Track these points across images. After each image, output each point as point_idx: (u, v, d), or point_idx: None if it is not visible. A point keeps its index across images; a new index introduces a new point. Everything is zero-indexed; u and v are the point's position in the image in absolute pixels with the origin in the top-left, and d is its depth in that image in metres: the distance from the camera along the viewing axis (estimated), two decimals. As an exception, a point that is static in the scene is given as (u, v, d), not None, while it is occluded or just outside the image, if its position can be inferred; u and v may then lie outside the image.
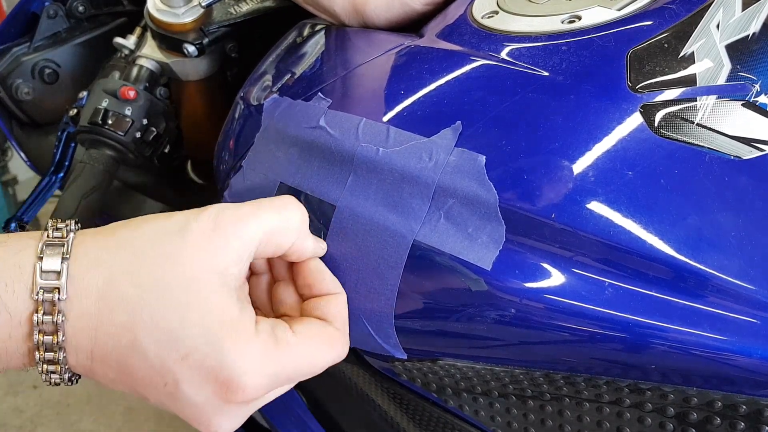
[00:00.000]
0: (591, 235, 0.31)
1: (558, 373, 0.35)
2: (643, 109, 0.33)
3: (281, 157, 0.42)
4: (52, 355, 0.31)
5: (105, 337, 0.30)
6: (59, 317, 0.30)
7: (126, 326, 0.30)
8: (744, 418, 0.30)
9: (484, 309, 0.34)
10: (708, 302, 0.30)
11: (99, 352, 0.31)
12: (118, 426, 1.36)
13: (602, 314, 0.31)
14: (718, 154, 0.32)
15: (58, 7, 0.69)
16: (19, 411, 1.40)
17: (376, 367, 0.44)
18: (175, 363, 0.30)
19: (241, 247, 0.32)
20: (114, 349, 0.31)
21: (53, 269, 0.30)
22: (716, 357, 0.29)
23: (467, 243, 0.34)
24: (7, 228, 0.64)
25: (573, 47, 0.37)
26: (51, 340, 0.30)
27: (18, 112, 0.71)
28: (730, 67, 0.34)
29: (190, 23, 0.57)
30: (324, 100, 0.41)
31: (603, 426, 0.35)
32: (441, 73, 0.39)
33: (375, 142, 0.37)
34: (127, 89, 0.57)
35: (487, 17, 0.42)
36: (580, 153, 0.33)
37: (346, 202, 0.38)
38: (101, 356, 0.31)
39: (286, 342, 0.33)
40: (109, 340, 0.30)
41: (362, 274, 0.37)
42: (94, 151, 0.57)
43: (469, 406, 0.40)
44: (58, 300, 0.30)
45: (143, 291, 0.30)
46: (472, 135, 0.35)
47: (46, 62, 0.69)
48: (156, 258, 0.31)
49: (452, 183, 0.34)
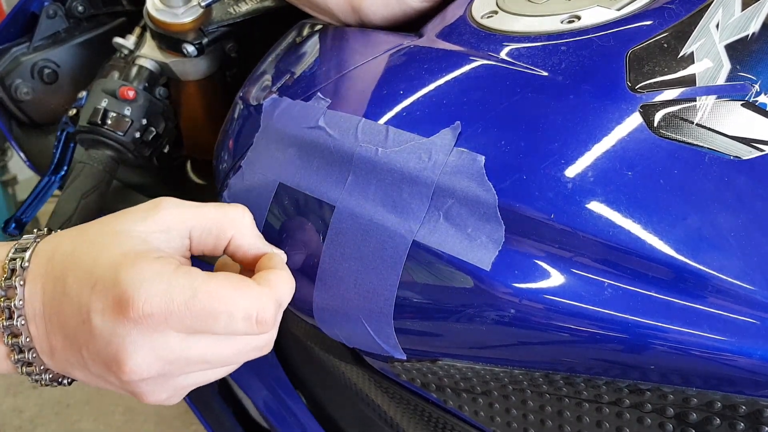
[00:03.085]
0: (590, 236, 0.31)
1: (557, 374, 0.35)
2: (642, 109, 0.33)
3: (280, 157, 0.42)
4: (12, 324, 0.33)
5: (49, 292, 0.34)
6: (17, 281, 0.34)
7: (60, 276, 0.33)
8: (744, 418, 0.30)
9: (483, 309, 0.34)
10: (707, 303, 0.30)
11: (47, 312, 0.33)
12: (117, 426, 1.36)
13: (602, 315, 0.31)
14: (717, 154, 0.31)
15: (57, 7, 0.69)
16: (18, 411, 1.40)
17: (375, 368, 0.44)
18: (87, 294, 0.32)
19: (171, 221, 0.35)
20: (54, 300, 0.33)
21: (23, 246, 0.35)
22: (716, 357, 0.29)
23: (466, 243, 0.34)
24: (7, 228, 0.64)
25: (572, 47, 0.37)
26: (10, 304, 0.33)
27: (17, 112, 0.71)
28: (729, 67, 0.34)
29: (189, 23, 0.57)
30: (323, 100, 0.41)
31: (602, 426, 0.35)
32: (440, 73, 0.39)
33: (374, 143, 0.37)
34: (127, 89, 0.57)
35: (487, 17, 0.42)
36: (579, 153, 0.33)
37: (345, 203, 0.38)
38: (48, 315, 0.33)
39: (187, 270, 0.32)
40: (51, 293, 0.33)
41: (361, 274, 0.37)
42: (93, 151, 0.57)
43: (469, 406, 0.40)
44: (20, 267, 0.34)
45: (76, 246, 0.34)
46: (472, 135, 0.35)
47: (45, 62, 0.69)
48: (97, 224, 0.35)
49: (451, 183, 0.34)
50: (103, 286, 0.32)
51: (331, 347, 0.47)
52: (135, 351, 0.32)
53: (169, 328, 0.32)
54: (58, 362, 0.35)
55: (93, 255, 0.33)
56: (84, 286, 0.32)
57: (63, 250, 0.34)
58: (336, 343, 0.43)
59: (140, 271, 0.32)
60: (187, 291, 0.31)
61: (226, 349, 0.34)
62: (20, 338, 0.34)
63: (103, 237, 0.34)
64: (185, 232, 0.36)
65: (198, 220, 0.36)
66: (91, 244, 0.34)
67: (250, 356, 0.36)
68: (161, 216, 0.35)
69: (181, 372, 0.34)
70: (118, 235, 0.34)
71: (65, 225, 0.54)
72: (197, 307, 0.31)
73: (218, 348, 0.34)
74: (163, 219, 0.35)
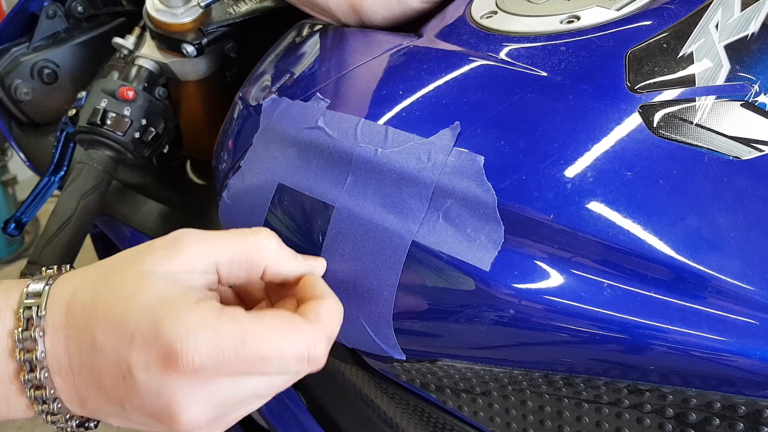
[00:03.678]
0: (590, 236, 0.31)
1: (557, 374, 0.35)
2: (641, 110, 0.33)
3: (280, 157, 0.42)
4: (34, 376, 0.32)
5: (74, 345, 0.32)
6: (37, 331, 0.32)
7: (86, 328, 0.31)
8: (743, 418, 0.30)
9: (482, 310, 0.33)
10: (707, 303, 0.30)
11: (75, 365, 0.32)
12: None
13: (601, 315, 0.31)
14: (717, 154, 0.31)
15: (57, 7, 0.69)
16: (18, 411, 1.40)
17: (375, 368, 0.44)
18: (125, 348, 0.30)
19: (195, 258, 0.33)
20: (82, 354, 0.31)
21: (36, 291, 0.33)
22: (715, 358, 0.29)
23: (466, 244, 0.34)
24: (7, 228, 0.64)
25: (572, 47, 0.37)
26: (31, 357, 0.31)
27: (17, 113, 0.71)
28: (729, 67, 0.34)
29: (188, 23, 0.57)
30: (322, 101, 0.41)
31: (602, 426, 0.35)
32: (440, 73, 0.39)
33: (373, 143, 0.37)
34: (126, 89, 0.57)
35: (486, 17, 0.42)
36: (578, 153, 0.33)
37: (345, 203, 0.38)
38: (78, 369, 0.32)
39: (233, 315, 0.31)
40: (77, 346, 0.32)
41: (361, 274, 0.37)
42: (93, 151, 0.57)
43: (468, 406, 0.40)
44: (36, 316, 0.32)
45: (99, 294, 0.32)
46: (471, 135, 0.35)
47: (45, 62, 0.69)
48: (116, 266, 0.33)
49: (451, 183, 0.34)
50: (143, 340, 0.30)
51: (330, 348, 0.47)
52: (189, 402, 0.30)
53: (220, 375, 0.30)
54: (89, 411, 0.33)
55: (121, 305, 0.31)
56: (119, 340, 0.30)
57: (83, 299, 0.32)
58: (336, 343, 0.43)
59: (184, 321, 0.30)
60: (236, 338, 0.30)
61: (278, 383, 0.33)
62: (44, 391, 0.32)
63: (128, 283, 0.32)
64: (211, 268, 0.34)
65: (222, 255, 0.34)
66: (115, 291, 0.32)
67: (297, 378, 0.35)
68: (185, 255, 0.33)
69: (235, 411, 0.33)
70: (143, 278, 0.32)
71: (65, 225, 0.54)
72: (248, 354, 0.30)
73: (270, 384, 0.33)
74: (186, 257, 0.33)
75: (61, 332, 0.32)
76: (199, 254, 0.33)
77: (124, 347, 0.30)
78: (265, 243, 0.35)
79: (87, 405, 0.33)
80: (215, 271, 0.34)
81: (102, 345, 0.31)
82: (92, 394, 0.32)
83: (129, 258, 0.33)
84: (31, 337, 0.32)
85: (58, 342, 0.32)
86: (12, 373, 0.32)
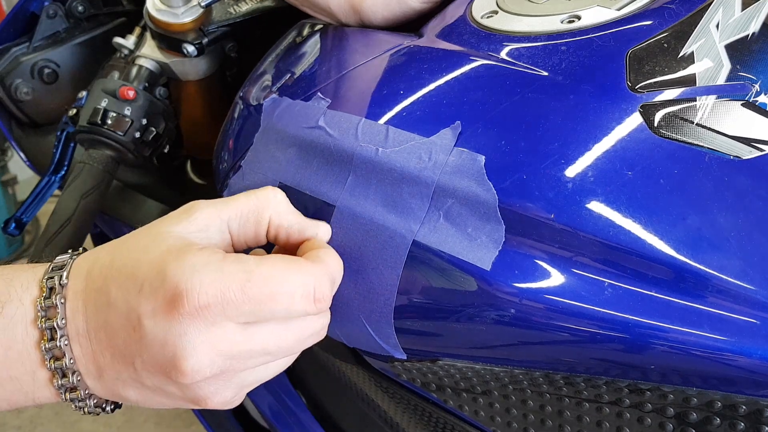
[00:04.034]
0: (590, 235, 0.31)
1: (558, 374, 0.35)
2: (642, 109, 0.33)
3: (280, 157, 0.42)
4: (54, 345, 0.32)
5: (91, 306, 0.32)
6: (58, 298, 0.32)
7: (102, 287, 0.32)
8: (744, 418, 0.30)
9: (483, 309, 0.34)
10: (708, 302, 0.30)
11: (91, 327, 0.32)
12: (117, 426, 1.36)
13: (602, 314, 0.31)
14: (717, 154, 0.32)
15: (57, 7, 0.69)
16: (18, 411, 1.39)
17: (375, 368, 0.44)
18: (134, 299, 0.31)
19: (208, 218, 0.34)
20: (98, 314, 0.32)
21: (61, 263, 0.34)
22: (716, 357, 0.29)
23: (466, 243, 0.34)
24: (7, 228, 0.64)
25: (572, 47, 0.37)
26: (52, 324, 0.32)
27: (17, 112, 0.71)
28: (729, 67, 0.34)
29: (189, 23, 0.57)
30: (323, 100, 0.41)
31: (603, 426, 0.35)
32: (440, 73, 0.39)
33: (374, 142, 0.37)
34: (127, 89, 0.57)
35: (487, 17, 0.42)
36: (579, 153, 0.33)
37: (346, 202, 0.38)
38: (94, 331, 0.32)
39: (236, 257, 0.31)
40: (93, 307, 0.32)
41: (361, 274, 0.37)
42: (93, 151, 0.57)
43: (469, 406, 0.40)
44: (59, 284, 0.33)
45: (115, 256, 0.33)
46: (472, 135, 0.35)
47: (45, 62, 0.69)
48: (133, 233, 0.34)
49: (451, 183, 0.34)
50: (150, 287, 0.30)
51: (331, 347, 0.47)
52: (194, 348, 0.30)
53: (227, 319, 0.30)
54: (106, 383, 0.33)
55: (134, 259, 0.32)
56: (130, 291, 0.31)
57: (102, 262, 0.33)
58: (336, 342, 0.43)
59: (189, 263, 0.30)
60: (241, 276, 0.30)
61: (286, 336, 0.33)
62: (63, 360, 0.32)
63: (142, 241, 0.33)
64: (223, 226, 0.35)
65: (232, 210, 0.35)
66: (130, 250, 0.33)
67: (308, 343, 0.34)
68: (196, 216, 0.34)
69: (244, 367, 0.32)
70: (156, 237, 0.33)
71: (65, 225, 0.54)
72: (254, 291, 0.30)
73: (278, 336, 0.32)
74: (199, 218, 0.34)
75: (80, 297, 0.33)
76: (211, 214, 0.34)
77: (134, 298, 0.31)
78: (271, 194, 0.36)
79: (104, 375, 0.33)
80: (227, 230, 0.35)
81: (115, 300, 0.31)
82: (107, 360, 0.32)
83: (146, 226, 0.35)
84: (53, 305, 0.32)
85: (76, 307, 0.33)
86: (35, 343, 0.33)
